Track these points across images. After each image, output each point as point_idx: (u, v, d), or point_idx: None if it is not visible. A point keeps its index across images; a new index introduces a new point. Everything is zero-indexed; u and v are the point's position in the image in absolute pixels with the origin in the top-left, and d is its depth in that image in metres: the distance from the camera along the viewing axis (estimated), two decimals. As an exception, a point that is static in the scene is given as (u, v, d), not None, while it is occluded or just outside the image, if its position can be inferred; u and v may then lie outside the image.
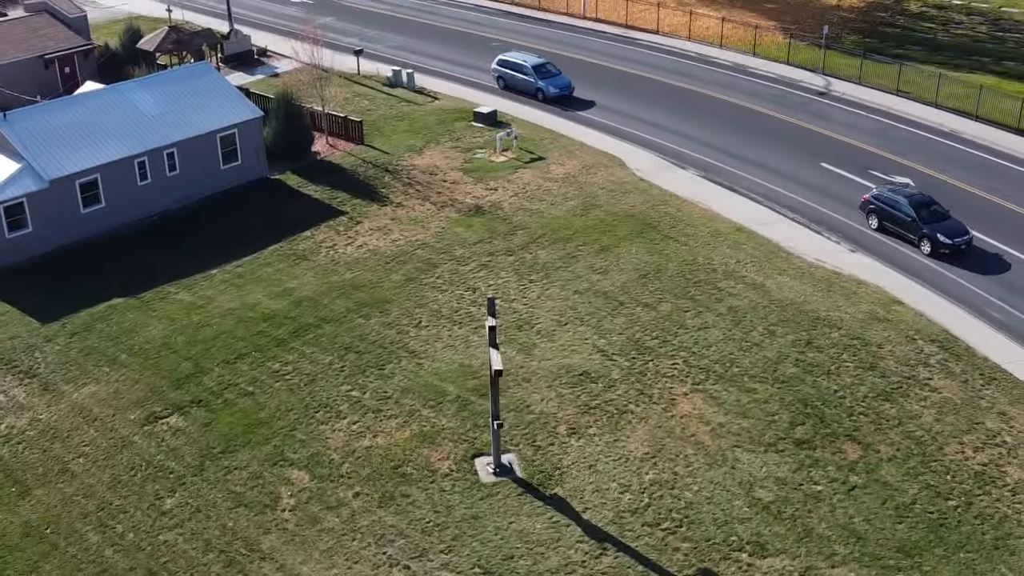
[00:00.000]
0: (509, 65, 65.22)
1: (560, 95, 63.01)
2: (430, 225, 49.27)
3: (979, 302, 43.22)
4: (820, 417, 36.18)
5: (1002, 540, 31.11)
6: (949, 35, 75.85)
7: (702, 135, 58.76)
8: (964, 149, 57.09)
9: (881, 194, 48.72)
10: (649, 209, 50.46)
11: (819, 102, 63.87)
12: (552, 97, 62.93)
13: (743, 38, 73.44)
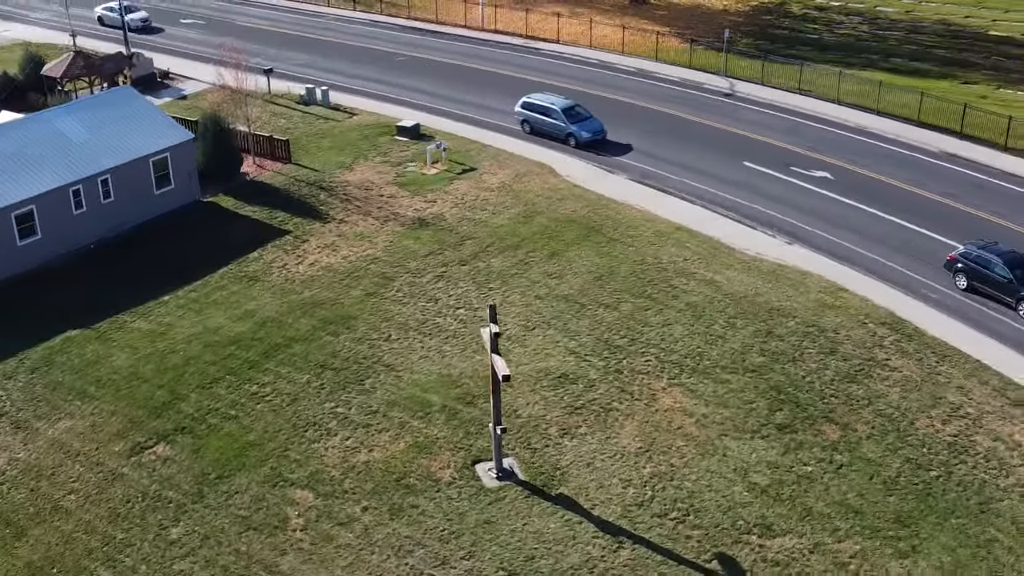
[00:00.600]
0: (535, 108, 60.48)
1: (593, 140, 58.71)
2: (377, 240, 49.34)
3: (914, 284, 45.50)
4: (795, 402, 37.73)
5: (986, 504, 33.07)
6: (834, 35, 79.42)
7: (620, 139, 60.15)
8: (872, 142, 59.96)
9: (970, 253, 44.75)
10: (590, 213, 51.56)
11: (728, 103, 66.16)
12: (584, 143, 58.50)
13: (643, 44, 75.44)
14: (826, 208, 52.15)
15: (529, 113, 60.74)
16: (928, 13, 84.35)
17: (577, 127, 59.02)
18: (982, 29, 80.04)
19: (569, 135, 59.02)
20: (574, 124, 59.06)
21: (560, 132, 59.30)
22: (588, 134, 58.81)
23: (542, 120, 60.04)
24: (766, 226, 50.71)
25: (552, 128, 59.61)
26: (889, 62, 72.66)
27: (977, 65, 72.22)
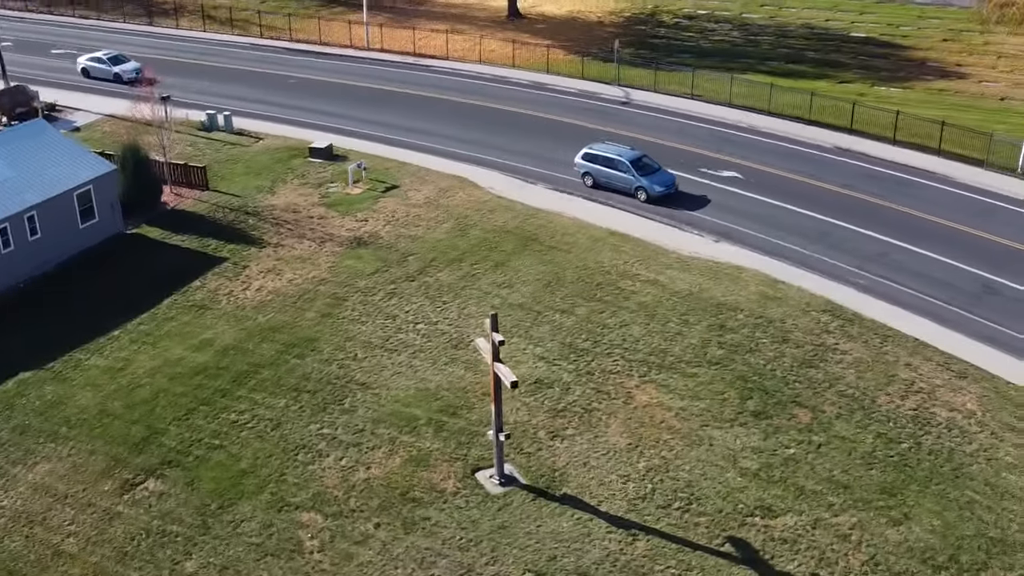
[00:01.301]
0: (599, 160, 55.82)
1: (667, 194, 54.33)
2: (320, 261, 49.23)
3: (840, 271, 48.14)
4: (763, 389, 39.58)
5: (958, 469, 35.49)
6: (710, 42, 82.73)
7: (534, 150, 61.44)
8: (770, 141, 62.91)
9: None
10: (522, 224, 52.59)
11: (628, 111, 68.27)
12: (657, 198, 54.09)
13: (532, 58, 77.01)
14: (741, 205, 54.53)
15: (592, 165, 56.06)
16: (791, 17, 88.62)
17: (648, 180, 54.41)
18: (843, 31, 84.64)
19: (639, 189, 54.58)
20: (644, 177, 54.51)
21: (628, 186, 54.87)
22: (661, 188, 54.26)
23: (607, 173, 55.43)
24: (691, 226, 52.66)
25: (619, 182, 55.09)
26: (766, 65, 76.16)
27: (847, 65, 76.43)
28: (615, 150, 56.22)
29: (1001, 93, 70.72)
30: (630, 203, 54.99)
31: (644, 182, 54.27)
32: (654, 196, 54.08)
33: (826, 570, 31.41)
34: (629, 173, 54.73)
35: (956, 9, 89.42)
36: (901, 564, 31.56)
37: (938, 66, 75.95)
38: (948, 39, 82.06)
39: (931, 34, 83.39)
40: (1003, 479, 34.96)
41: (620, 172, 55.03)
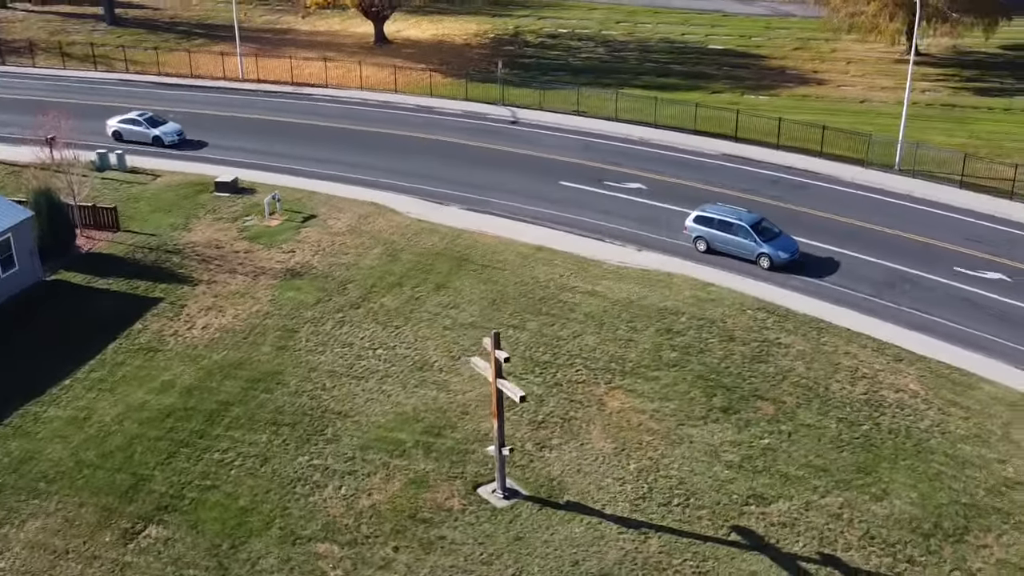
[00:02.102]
0: (715, 224, 51.72)
1: (791, 261, 50.33)
2: (259, 295, 48.94)
3: (760, 272, 50.89)
4: (724, 387, 41.73)
5: (918, 445, 38.38)
6: (579, 60, 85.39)
7: (439, 173, 62.28)
8: (663, 152, 65.66)
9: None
10: (450, 245, 53.49)
11: (518, 129, 69.96)
12: (781, 265, 50.18)
13: (411, 82, 77.88)
14: (653, 214, 56.86)
15: (706, 229, 52.00)
16: (648, 33, 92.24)
17: (771, 247, 50.44)
18: (700, 44, 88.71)
19: (761, 256, 50.52)
20: (767, 243, 50.58)
21: (749, 252, 50.76)
22: (786, 255, 50.30)
23: (724, 238, 51.51)
24: (612, 237, 54.61)
25: (738, 248, 51.09)
26: (639, 80, 79.20)
27: (714, 76, 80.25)
28: (732, 213, 52.09)
29: (860, 96, 75.68)
30: (547, 218, 56.43)
31: (767, 248, 50.34)
32: (779, 264, 50.18)
33: (829, 548, 33.58)
34: (750, 239, 50.77)
35: (799, 19, 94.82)
36: (894, 535, 34.02)
37: (797, 73, 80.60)
38: (799, 47, 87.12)
39: (782, 43, 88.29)
40: (960, 450, 37.99)
41: (739, 238, 51.06)
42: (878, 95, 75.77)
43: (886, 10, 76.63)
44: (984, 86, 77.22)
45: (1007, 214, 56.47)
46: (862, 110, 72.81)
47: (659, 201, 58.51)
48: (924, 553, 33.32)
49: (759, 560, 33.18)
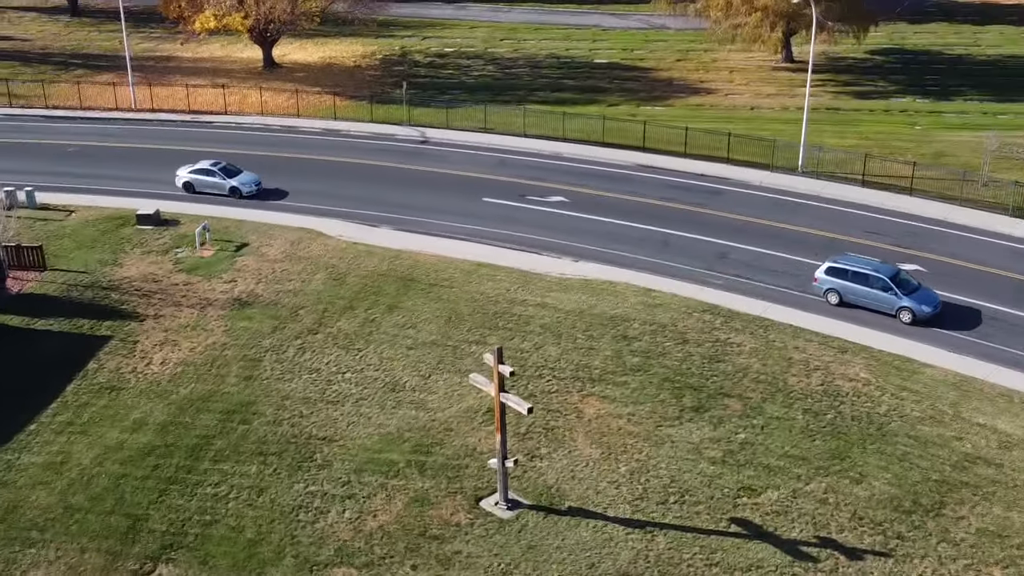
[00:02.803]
0: (850, 275, 49.58)
1: (934, 315, 48.37)
2: (211, 327, 48.48)
3: (698, 275, 53.05)
4: (691, 387, 43.53)
5: (881, 429, 40.87)
6: (471, 78, 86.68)
7: (361, 195, 62.53)
8: (576, 165, 67.42)
9: None
10: (392, 266, 53.96)
11: (430, 149, 70.76)
12: (924, 319, 48.13)
13: (312, 105, 77.82)
14: (581, 226, 58.45)
15: (839, 281, 49.79)
16: (533, 49, 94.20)
17: (913, 300, 48.31)
18: (586, 58, 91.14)
19: (903, 310, 48.36)
20: (908, 296, 48.49)
21: (888, 306, 48.68)
22: (929, 308, 48.21)
23: (861, 291, 49.37)
24: (547, 250, 55.93)
25: (876, 302, 48.97)
26: (535, 95, 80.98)
27: (608, 89, 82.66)
28: (868, 264, 49.95)
29: (749, 104, 79.18)
30: (479, 235, 57.30)
31: (909, 302, 48.24)
32: (921, 318, 48.06)
33: (823, 531, 35.59)
34: (890, 292, 48.71)
35: (675, 31, 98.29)
36: (879, 515, 36.26)
37: (685, 84, 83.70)
38: (681, 59, 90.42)
39: (664, 55, 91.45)
40: (919, 431, 40.64)
41: (878, 290, 48.96)
42: (765, 102, 79.40)
43: (767, 21, 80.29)
44: (861, 89, 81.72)
45: (909, 209, 60.11)
46: (753, 117, 76.19)
47: (584, 212, 60.14)
48: (911, 529, 35.62)
49: (762, 547, 34.90)
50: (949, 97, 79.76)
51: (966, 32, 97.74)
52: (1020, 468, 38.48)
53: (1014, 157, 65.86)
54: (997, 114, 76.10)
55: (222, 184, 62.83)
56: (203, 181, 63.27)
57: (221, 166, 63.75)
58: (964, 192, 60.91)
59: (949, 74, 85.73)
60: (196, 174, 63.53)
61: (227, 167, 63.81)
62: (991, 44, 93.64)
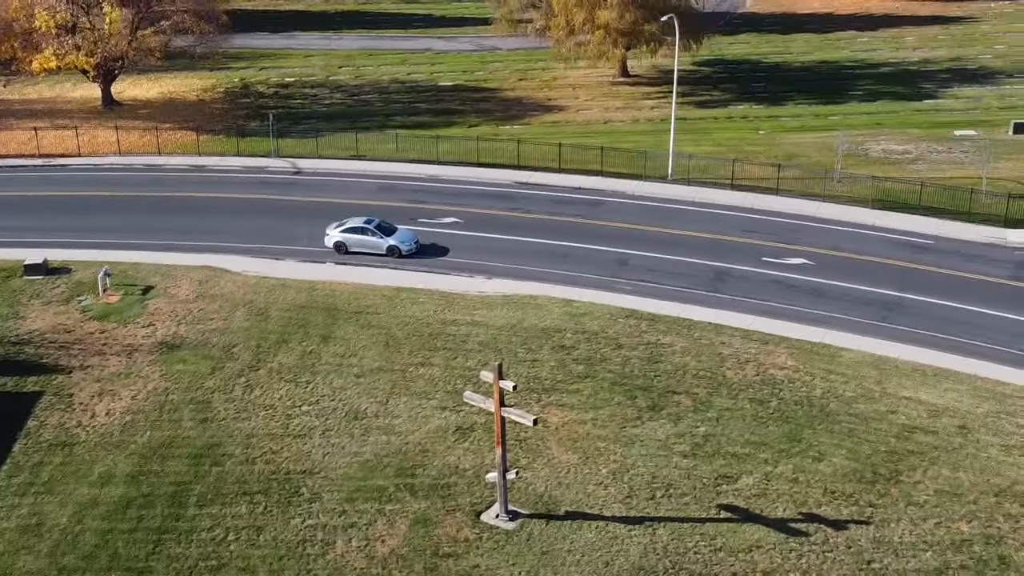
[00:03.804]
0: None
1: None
2: (145, 373, 47.34)
3: (607, 283, 55.47)
4: (641, 388, 45.76)
5: (823, 410, 44.15)
6: (323, 106, 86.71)
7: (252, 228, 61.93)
8: (461, 186, 68.77)
9: None
10: (310, 297, 53.93)
11: (307, 179, 70.67)
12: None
13: (171, 142, 76.20)
14: (481, 244, 59.91)
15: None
16: (374, 75, 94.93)
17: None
18: (430, 82, 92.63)
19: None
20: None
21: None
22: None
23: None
24: (456, 270, 57.10)
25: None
26: (394, 120, 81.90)
27: (463, 111, 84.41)
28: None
29: (601, 118, 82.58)
30: (383, 261, 57.76)
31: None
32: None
33: (804, 508, 38.37)
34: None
35: (506, 51, 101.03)
36: (848, 487, 39.37)
37: (534, 102, 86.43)
38: (522, 78, 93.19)
39: (505, 75, 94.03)
40: (856, 408, 44.18)
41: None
42: (616, 115, 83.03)
43: (609, 39, 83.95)
44: (700, 99, 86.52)
45: (780, 207, 64.45)
46: (609, 130, 79.56)
47: (479, 231, 61.60)
48: (879, 496, 38.86)
49: (755, 528, 37.35)
50: (781, 102, 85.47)
51: (776, 41, 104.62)
52: (953, 433, 42.45)
53: (858, 154, 71.48)
54: (827, 115, 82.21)
55: (379, 243, 58.29)
56: (357, 240, 58.59)
57: (375, 224, 59.00)
58: (826, 189, 65.76)
59: (772, 81, 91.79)
60: (349, 233, 58.72)
61: (381, 224, 59.04)
62: (801, 52, 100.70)
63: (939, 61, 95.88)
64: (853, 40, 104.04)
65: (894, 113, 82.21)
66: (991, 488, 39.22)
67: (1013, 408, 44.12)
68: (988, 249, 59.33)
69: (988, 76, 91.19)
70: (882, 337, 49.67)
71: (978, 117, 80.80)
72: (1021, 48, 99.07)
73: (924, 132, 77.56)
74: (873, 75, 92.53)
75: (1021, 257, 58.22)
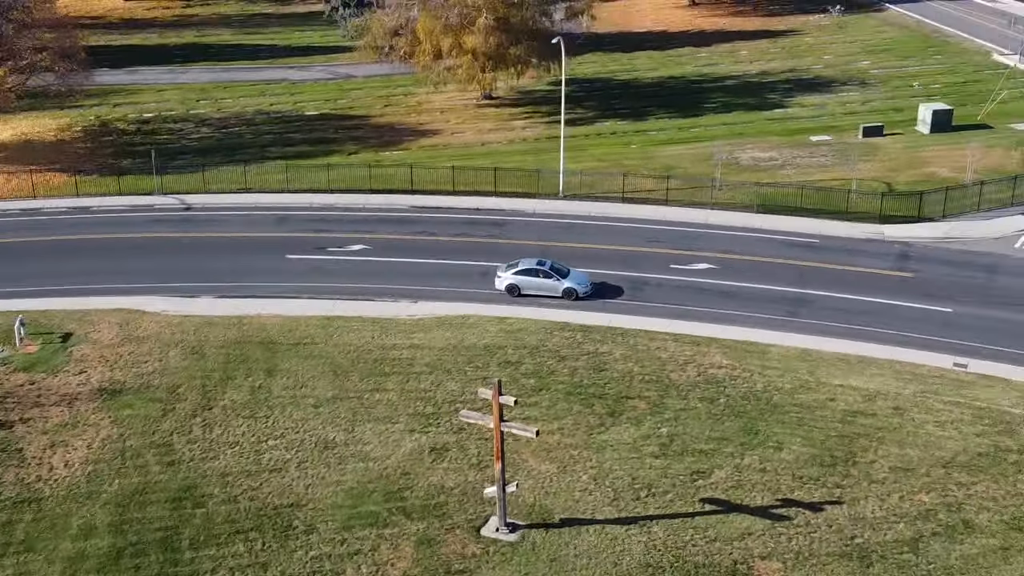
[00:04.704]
0: None
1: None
2: (94, 422, 46.03)
3: (529, 301, 57.08)
4: (595, 396, 47.51)
5: (769, 403, 46.94)
6: (194, 140, 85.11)
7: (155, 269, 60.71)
8: (362, 214, 68.94)
9: None
10: (243, 332, 53.44)
11: (200, 215, 69.33)
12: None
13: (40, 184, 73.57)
14: (396, 268, 60.56)
15: None
16: (235, 107, 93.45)
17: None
18: (297, 112, 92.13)
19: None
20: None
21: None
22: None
23: None
24: (380, 296, 57.59)
25: None
26: (270, 151, 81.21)
27: (338, 139, 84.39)
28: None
29: (478, 140, 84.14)
30: (304, 290, 57.71)
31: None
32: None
33: (779, 494, 40.86)
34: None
35: (362, 79, 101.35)
36: (812, 472, 42.11)
37: (408, 128, 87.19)
38: (388, 104, 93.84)
39: (370, 103, 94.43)
40: (799, 399, 47.16)
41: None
42: (491, 137, 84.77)
43: (477, 63, 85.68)
44: (568, 118, 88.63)
45: (674, 217, 67.49)
46: (489, 152, 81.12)
47: (390, 257, 62.22)
48: (843, 477, 41.74)
49: (742, 518, 39.57)
50: (644, 117, 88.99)
51: (621, 59, 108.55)
52: (890, 414, 45.89)
53: (730, 162, 75.37)
54: (690, 128, 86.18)
55: (555, 286, 57.05)
56: (532, 283, 57.33)
57: (549, 265, 57.86)
58: (712, 197, 69.24)
59: (627, 97, 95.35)
60: (523, 275, 57.39)
61: (555, 266, 57.98)
62: (648, 68, 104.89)
63: (777, 72, 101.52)
64: (693, 56, 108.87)
65: (751, 123, 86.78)
66: (937, 461, 42.66)
67: (935, 387, 47.95)
68: (869, 244, 63.80)
69: (825, 85, 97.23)
70: (798, 331, 52.93)
71: (827, 123, 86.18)
72: (847, 58, 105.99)
73: (783, 139, 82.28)
74: (721, 88, 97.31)
75: (900, 250, 62.84)
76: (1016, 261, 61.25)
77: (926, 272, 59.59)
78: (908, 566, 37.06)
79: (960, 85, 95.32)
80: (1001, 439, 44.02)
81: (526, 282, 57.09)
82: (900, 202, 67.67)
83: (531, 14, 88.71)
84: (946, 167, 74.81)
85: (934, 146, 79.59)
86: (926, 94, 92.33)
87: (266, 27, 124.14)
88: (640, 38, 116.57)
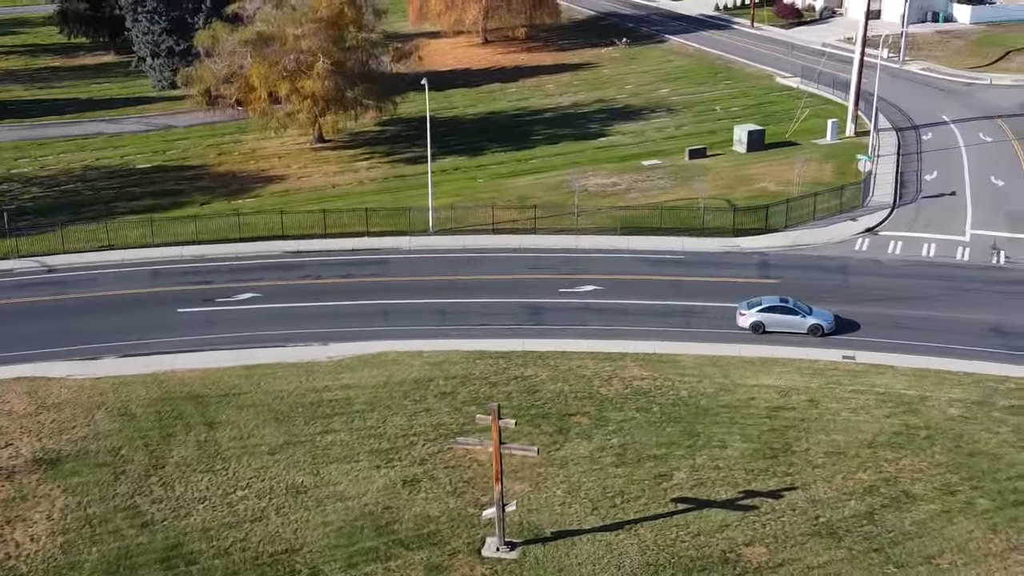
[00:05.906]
0: None
1: None
2: (43, 493, 44.52)
3: (438, 332, 58.81)
4: (539, 416, 49.79)
5: (698, 406, 50.55)
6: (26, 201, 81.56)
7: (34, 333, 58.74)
8: (236, 263, 68.44)
9: None
10: (166, 389, 52.59)
11: (67, 276, 66.82)
12: None
13: None
14: (296, 313, 60.93)
15: None
16: (61, 164, 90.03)
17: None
18: (128, 166, 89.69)
19: None
20: None
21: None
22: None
23: None
24: (289, 341, 57.86)
25: None
26: (118, 206, 78.99)
27: (185, 191, 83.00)
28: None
29: (327, 183, 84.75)
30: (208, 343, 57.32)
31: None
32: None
33: (739, 487, 44.37)
34: None
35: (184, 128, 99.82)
36: (760, 465, 45.90)
37: (250, 174, 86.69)
38: (221, 152, 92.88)
39: (201, 152, 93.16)
40: (723, 400, 51.04)
41: None
42: (339, 179, 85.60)
43: (316, 107, 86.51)
44: (406, 156, 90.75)
45: (549, 244, 70.63)
46: (340, 194, 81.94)
47: (284, 303, 62.47)
48: (786, 466, 45.75)
49: (715, 512, 42.82)
50: (480, 152, 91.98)
51: (436, 97, 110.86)
52: (807, 406, 50.41)
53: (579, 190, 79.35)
54: (527, 160, 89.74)
55: (801, 322, 57.98)
56: (778, 319, 58.12)
57: (793, 303, 58.79)
58: (576, 223, 72.88)
59: (456, 134, 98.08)
60: (768, 312, 58.22)
61: (798, 303, 58.98)
62: (465, 105, 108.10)
63: (587, 104, 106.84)
64: (503, 91, 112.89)
65: (582, 151, 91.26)
66: (862, 443, 47.35)
67: (836, 379, 52.93)
68: (730, 256, 68.99)
69: (635, 113, 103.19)
70: (698, 340, 56.99)
71: (651, 148, 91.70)
72: (646, 86, 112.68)
73: (618, 166, 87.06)
74: (542, 120, 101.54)
75: (759, 259, 68.30)
76: (859, 262, 67.71)
77: (789, 277, 65.03)
78: (873, 536, 41.19)
79: (756, 107, 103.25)
80: (908, 418, 49.20)
81: (771, 319, 58.39)
82: (748, 216, 73.30)
83: (365, 58, 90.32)
84: (772, 182, 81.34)
85: (755, 163, 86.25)
86: (728, 116, 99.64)
87: (56, 81, 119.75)
88: (447, 76, 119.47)
